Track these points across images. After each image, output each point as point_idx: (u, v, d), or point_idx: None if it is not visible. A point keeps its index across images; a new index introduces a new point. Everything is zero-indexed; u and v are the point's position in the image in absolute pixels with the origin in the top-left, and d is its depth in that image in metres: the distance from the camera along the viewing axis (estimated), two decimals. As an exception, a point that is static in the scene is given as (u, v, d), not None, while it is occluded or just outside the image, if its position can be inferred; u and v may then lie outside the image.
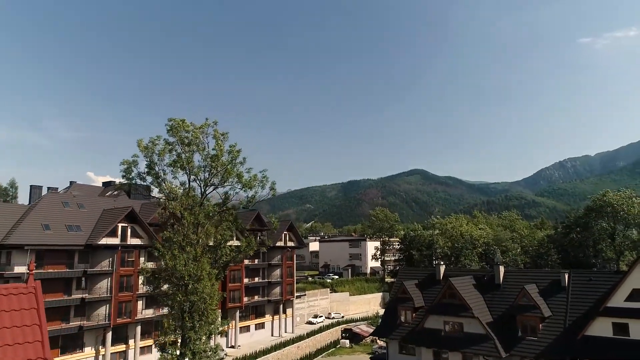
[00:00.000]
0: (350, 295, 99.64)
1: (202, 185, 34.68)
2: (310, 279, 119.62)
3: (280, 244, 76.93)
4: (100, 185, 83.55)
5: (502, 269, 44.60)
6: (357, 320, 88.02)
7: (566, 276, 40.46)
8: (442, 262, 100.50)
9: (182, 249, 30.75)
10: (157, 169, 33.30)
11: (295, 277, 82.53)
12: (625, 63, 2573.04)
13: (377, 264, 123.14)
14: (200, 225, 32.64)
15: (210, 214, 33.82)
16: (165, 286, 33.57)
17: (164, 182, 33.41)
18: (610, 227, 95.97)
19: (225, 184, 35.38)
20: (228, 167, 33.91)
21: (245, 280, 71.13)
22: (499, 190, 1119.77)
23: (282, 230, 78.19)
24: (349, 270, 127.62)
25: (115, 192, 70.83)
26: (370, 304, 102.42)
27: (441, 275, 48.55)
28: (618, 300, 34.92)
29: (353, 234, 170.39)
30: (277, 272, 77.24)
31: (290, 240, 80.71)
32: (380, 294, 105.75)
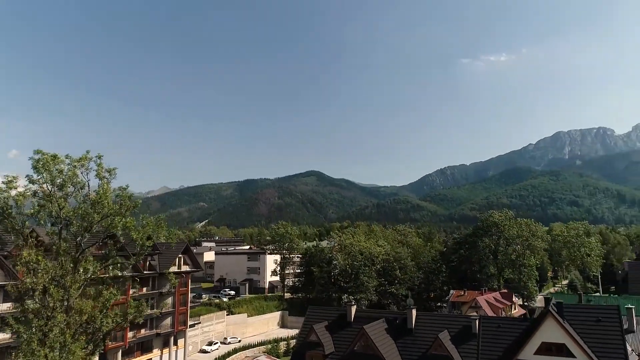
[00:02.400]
0: (248, 316, 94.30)
1: (77, 239, 27.26)
2: (204, 296, 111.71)
3: (173, 269, 69.04)
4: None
5: (414, 312, 43.37)
6: (255, 345, 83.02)
7: (477, 322, 40.30)
8: (341, 279, 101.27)
9: (44, 337, 23.29)
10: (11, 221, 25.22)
11: (189, 304, 74.96)
12: (496, 83, 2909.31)
13: (277, 278, 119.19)
14: (73, 298, 25.44)
15: (89, 276, 26.70)
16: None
17: (24, 240, 25.44)
18: (493, 245, 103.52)
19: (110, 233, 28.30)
20: (115, 219, 27.08)
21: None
22: (388, 193, 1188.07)
23: (177, 253, 70.43)
24: (247, 284, 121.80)
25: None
26: (269, 324, 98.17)
27: (352, 316, 46.06)
28: (528, 353, 35.17)
29: (252, 246, 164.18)
30: (170, 300, 69.29)
31: (186, 263, 73.14)
32: (279, 312, 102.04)
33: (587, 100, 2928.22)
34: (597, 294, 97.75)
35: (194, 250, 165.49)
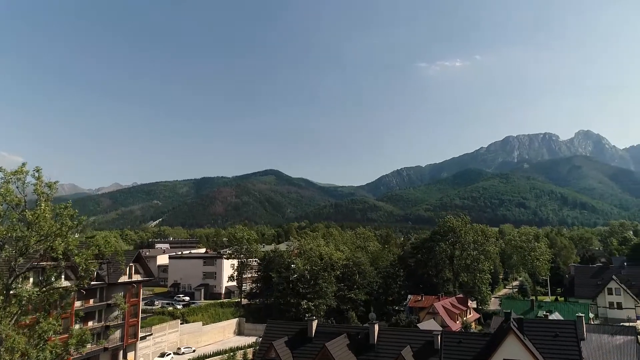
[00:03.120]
0: (203, 324, 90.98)
1: (10, 264, 24.15)
2: (157, 303, 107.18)
3: (124, 278, 65.23)
4: None
5: (376, 327, 42.60)
6: (210, 355, 79.96)
7: (439, 338, 40.01)
8: (300, 285, 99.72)
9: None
10: None
11: (140, 315, 71.13)
12: (451, 88, 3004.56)
13: (234, 283, 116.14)
14: (3, 335, 22.41)
15: (23, 306, 23.69)
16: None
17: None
18: (450, 250, 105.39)
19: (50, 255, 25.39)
20: (56, 241, 24.21)
21: (75, 327, 58.02)
22: (346, 193, 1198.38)
23: (128, 262, 66.55)
24: (202, 290, 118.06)
25: None
26: (225, 331, 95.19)
27: (313, 331, 44.75)
28: (489, 370, 35.14)
29: (208, 250, 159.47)
30: (119, 311, 65.34)
31: (137, 273, 69.31)
32: (236, 319, 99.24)
33: (534, 107, 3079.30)
34: (547, 299, 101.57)
35: (146, 254, 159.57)
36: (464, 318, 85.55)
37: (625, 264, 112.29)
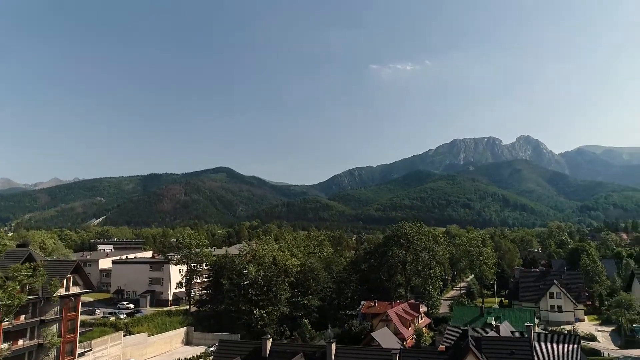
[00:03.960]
0: (148, 335, 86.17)
1: None
2: (98, 312, 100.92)
3: (61, 291, 60.08)
4: None
5: (334, 347, 41.34)
6: (155, 369, 75.95)
7: (397, 357, 39.32)
8: (252, 292, 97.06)
9: None
10: None
11: (79, 330, 65.92)
12: (402, 90, 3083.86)
13: (182, 289, 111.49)
14: None
15: None
16: None
17: None
18: (402, 255, 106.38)
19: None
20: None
21: (3, 346, 52.76)
22: (298, 192, 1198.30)
23: (65, 273, 61.46)
24: (148, 297, 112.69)
25: None
26: (172, 342, 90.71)
27: (267, 351, 42.83)
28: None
29: (155, 255, 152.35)
30: (54, 328, 60.16)
31: (76, 284, 64.22)
32: (184, 329, 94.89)
33: (480, 112, 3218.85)
34: (495, 304, 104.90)
35: (87, 257, 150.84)
36: (416, 324, 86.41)
37: (565, 268, 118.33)
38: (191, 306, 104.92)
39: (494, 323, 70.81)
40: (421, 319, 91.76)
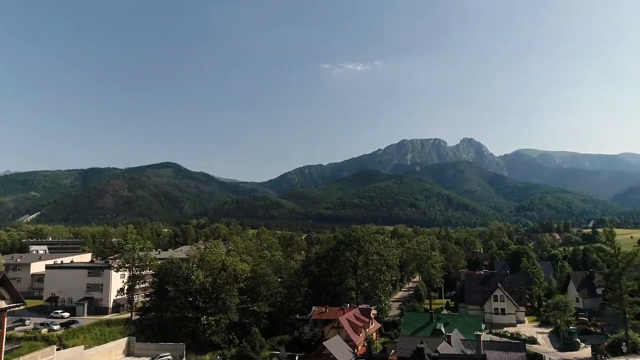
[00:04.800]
0: (85, 348, 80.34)
1: None
2: (28, 322, 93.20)
3: (-18, 307, 54.07)
4: None
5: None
6: (92, 385, 70.80)
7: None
8: (200, 299, 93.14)
9: None
10: None
11: (4, 348, 59.77)
12: (352, 90, 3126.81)
13: (124, 295, 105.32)
14: None
15: None
16: None
17: None
18: (353, 260, 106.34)
19: None
20: None
21: None
22: (248, 189, 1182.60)
23: (-12, 287, 55.36)
24: (85, 304, 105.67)
25: None
26: (112, 354, 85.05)
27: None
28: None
29: (94, 259, 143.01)
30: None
31: (2, 298, 58.09)
32: (125, 339, 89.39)
33: (427, 114, 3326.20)
34: (443, 309, 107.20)
35: (18, 260, 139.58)
36: (367, 330, 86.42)
37: (508, 271, 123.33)
38: (133, 314, 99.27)
39: (443, 329, 72.00)
40: (372, 324, 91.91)
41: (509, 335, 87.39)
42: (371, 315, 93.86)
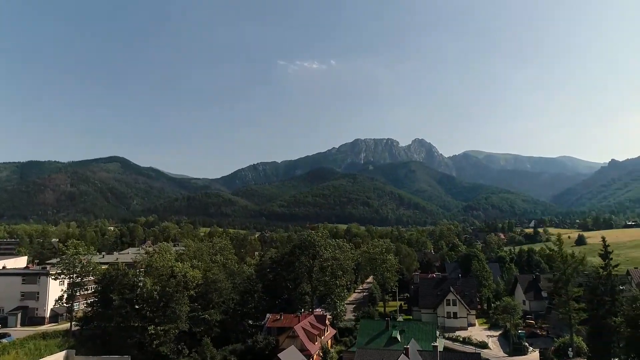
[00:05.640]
0: (17, 365, 73.97)
1: None
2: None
3: None
4: None
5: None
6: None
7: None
8: (147, 308, 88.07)
9: None
10: None
11: None
12: (307, 88, 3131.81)
13: (63, 304, 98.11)
14: None
15: None
16: None
17: None
18: (309, 265, 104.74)
19: None
20: None
21: None
22: (199, 185, 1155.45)
23: None
24: (19, 314, 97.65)
25: None
26: (48, 369, 78.99)
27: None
28: None
29: (30, 264, 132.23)
30: None
31: None
32: (64, 352, 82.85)
33: (380, 113, 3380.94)
34: (399, 316, 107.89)
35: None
36: (322, 337, 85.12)
37: (459, 274, 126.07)
38: (73, 324, 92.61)
39: (399, 337, 71.79)
40: (327, 331, 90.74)
41: (461, 339, 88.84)
42: (326, 321, 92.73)
